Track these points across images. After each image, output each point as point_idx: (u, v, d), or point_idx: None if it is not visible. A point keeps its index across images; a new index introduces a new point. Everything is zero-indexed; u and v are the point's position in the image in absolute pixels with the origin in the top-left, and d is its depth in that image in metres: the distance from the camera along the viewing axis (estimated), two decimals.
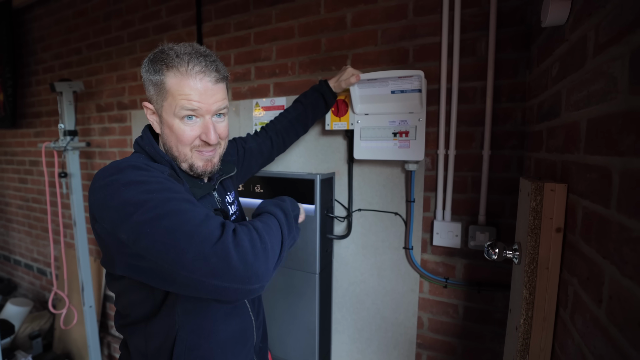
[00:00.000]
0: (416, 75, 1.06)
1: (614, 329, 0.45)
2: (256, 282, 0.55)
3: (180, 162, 0.72)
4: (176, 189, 0.60)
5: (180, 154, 0.71)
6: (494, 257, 0.82)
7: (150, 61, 0.68)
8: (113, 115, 2.12)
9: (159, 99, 0.68)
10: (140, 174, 0.60)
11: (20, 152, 2.80)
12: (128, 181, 0.57)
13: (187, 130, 0.68)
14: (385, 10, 1.24)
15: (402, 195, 1.27)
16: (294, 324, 1.34)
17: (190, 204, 0.58)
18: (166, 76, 0.66)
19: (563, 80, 0.71)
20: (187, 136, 0.69)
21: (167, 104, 0.67)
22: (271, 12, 1.48)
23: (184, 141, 0.69)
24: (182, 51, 0.66)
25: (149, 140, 0.72)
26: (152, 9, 1.86)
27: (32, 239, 2.84)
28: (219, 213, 0.76)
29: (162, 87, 0.67)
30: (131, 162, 0.63)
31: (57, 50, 2.39)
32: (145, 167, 0.62)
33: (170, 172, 0.68)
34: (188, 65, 0.65)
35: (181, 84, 0.65)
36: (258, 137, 1.12)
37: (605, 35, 0.52)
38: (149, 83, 0.69)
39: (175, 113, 0.67)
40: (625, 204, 0.45)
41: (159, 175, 0.61)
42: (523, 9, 1.05)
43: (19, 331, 2.47)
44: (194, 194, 0.70)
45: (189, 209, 0.56)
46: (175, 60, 0.65)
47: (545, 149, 0.83)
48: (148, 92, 0.70)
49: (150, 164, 0.65)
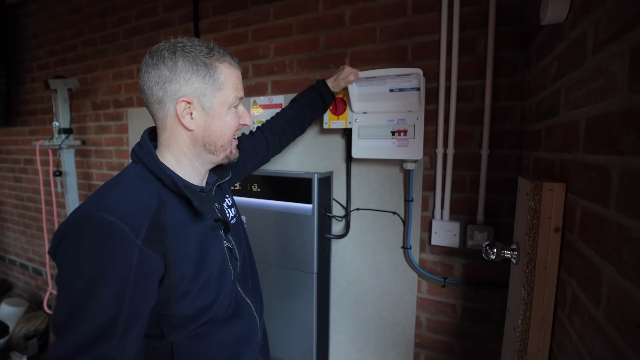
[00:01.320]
0: (415, 74, 1.05)
1: (613, 330, 0.45)
2: None
3: (222, 152, 0.73)
4: (105, 291, 0.54)
5: (226, 143, 0.73)
6: (492, 257, 0.82)
7: (187, 53, 0.65)
8: (109, 113, 2.10)
9: (210, 90, 0.67)
10: (94, 244, 0.55)
11: (15, 151, 2.77)
12: (75, 249, 0.55)
13: (234, 117, 0.72)
14: (384, 8, 1.24)
15: (401, 195, 1.26)
16: (291, 324, 1.34)
17: (100, 312, 0.53)
18: (219, 68, 0.68)
19: (562, 78, 0.71)
20: (235, 123, 0.72)
21: (221, 95, 0.68)
22: (269, 9, 1.47)
23: (234, 127, 0.72)
24: (215, 46, 0.69)
25: (149, 151, 0.67)
26: (149, 6, 1.84)
27: (27, 239, 2.82)
28: (220, 224, 0.74)
29: (216, 78, 0.67)
30: (104, 214, 0.56)
31: (51, 47, 2.37)
32: (113, 230, 0.55)
33: (159, 201, 0.63)
34: (227, 57, 0.69)
35: (233, 74, 0.70)
36: (253, 137, 1.08)
37: (605, 32, 0.52)
38: (192, 76, 0.65)
39: (230, 102, 0.70)
40: (624, 204, 0.44)
41: (114, 254, 0.55)
42: (522, 7, 1.04)
43: (14, 332, 2.45)
44: (203, 211, 0.66)
45: (89, 324, 0.53)
46: (221, 53, 0.68)
47: (544, 148, 0.83)
48: (188, 86, 0.65)
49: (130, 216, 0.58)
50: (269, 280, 1.36)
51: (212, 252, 0.70)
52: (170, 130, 0.69)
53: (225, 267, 0.74)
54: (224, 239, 0.75)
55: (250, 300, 0.84)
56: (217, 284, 0.70)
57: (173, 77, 0.64)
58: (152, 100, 0.67)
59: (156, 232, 0.60)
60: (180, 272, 0.63)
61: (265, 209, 1.35)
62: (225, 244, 0.75)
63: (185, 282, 0.64)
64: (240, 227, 0.89)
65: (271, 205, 1.33)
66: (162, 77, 0.64)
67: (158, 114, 0.68)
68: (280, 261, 1.33)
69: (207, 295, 0.68)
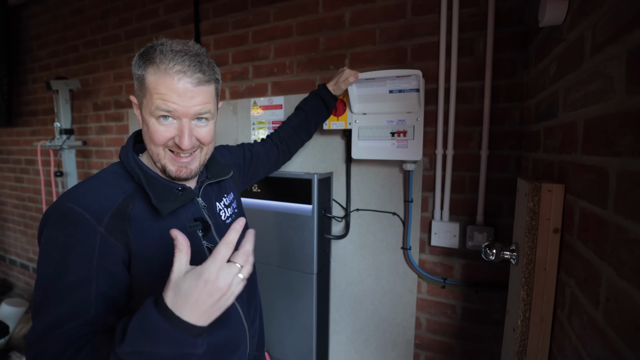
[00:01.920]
0: (414, 75, 1.05)
1: (611, 331, 0.45)
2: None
3: (155, 161, 0.69)
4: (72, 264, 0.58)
5: (153, 154, 0.68)
6: (491, 257, 0.82)
7: (139, 55, 0.65)
8: (110, 114, 2.11)
9: (140, 94, 0.66)
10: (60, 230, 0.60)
11: (16, 151, 2.78)
12: (47, 236, 0.60)
13: (160, 129, 0.64)
14: (383, 10, 1.24)
15: (400, 195, 1.27)
16: (291, 325, 1.34)
17: (60, 301, 0.57)
18: (147, 72, 0.63)
19: (560, 80, 0.71)
20: (159, 136, 0.65)
21: (145, 101, 0.65)
22: (269, 11, 1.47)
23: (156, 141, 0.65)
24: (169, 48, 0.62)
25: (126, 148, 0.70)
26: (150, 7, 1.85)
27: (28, 239, 2.82)
28: (198, 223, 0.73)
29: (142, 82, 0.64)
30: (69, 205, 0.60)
31: (53, 48, 2.38)
32: (75, 217, 0.59)
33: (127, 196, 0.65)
34: (169, 63, 0.61)
35: (159, 82, 0.62)
36: (265, 143, 1.13)
37: (602, 35, 0.52)
38: (134, 77, 0.67)
39: (152, 112, 0.64)
40: (622, 205, 0.44)
41: (77, 237, 0.59)
42: (521, 9, 1.05)
43: (14, 332, 2.45)
44: (161, 209, 0.65)
45: (53, 304, 0.57)
46: (158, 57, 0.62)
47: (543, 149, 0.83)
48: (135, 86, 0.68)
49: (93, 205, 0.61)
50: (268, 280, 1.36)
51: None
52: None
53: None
54: (202, 239, 0.73)
55: (240, 307, 0.80)
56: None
57: (133, 74, 0.68)
58: None
59: (119, 221, 0.62)
60: (144, 266, 0.64)
61: (265, 209, 1.35)
62: (205, 244, 0.73)
63: (151, 278, 0.64)
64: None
65: (271, 205, 1.33)
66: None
67: None
68: (280, 262, 1.34)
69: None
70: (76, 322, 0.57)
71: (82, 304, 0.58)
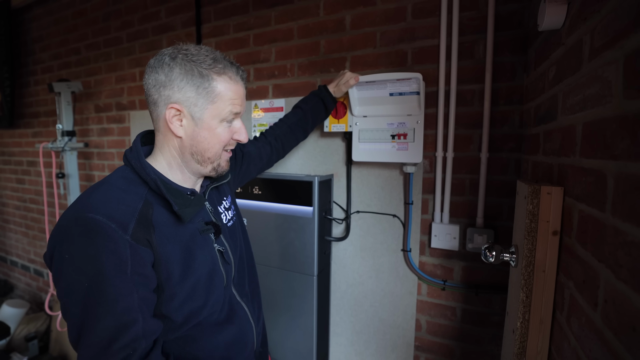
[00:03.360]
0: (414, 78, 1.06)
1: (609, 332, 0.46)
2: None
3: (209, 164, 0.72)
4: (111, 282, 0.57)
5: (214, 155, 0.72)
6: (491, 260, 0.82)
7: (186, 62, 0.65)
8: (112, 116, 2.12)
9: (201, 101, 0.66)
10: (89, 244, 0.57)
11: (18, 153, 2.79)
12: (71, 251, 0.57)
13: (226, 131, 0.71)
14: (384, 13, 1.25)
15: (401, 198, 1.27)
16: (291, 326, 1.34)
17: (107, 315, 0.56)
18: (216, 81, 0.67)
19: (559, 83, 0.72)
20: (226, 137, 0.72)
21: (213, 107, 0.68)
22: (270, 14, 1.48)
23: (223, 141, 0.72)
24: (220, 57, 0.69)
25: (137, 154, 0.68)
26: (152, 10, 1.86)
27: (29, 240, 2.83)
28: (210, 227, 0.74)
29: (210, 91, 0.66)
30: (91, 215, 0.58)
31: (55, 51, 2.39)
32: (102, 228, 0.57)
33: (145, 201, 0.65)
34: (237, 72, 0.70)
35: (232, 89, 0.69)
36: (257, 141, 1.10)
37: (600, 39, 0.53)
38: (185, 84, 0.65)
39: (222, 116, 0.69)
40: (619, 208, 0.45)
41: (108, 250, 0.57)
42: (520, 13, 1.05)
43: (15, 333, 2.45)
44: (183, 216, 0.66)
45: (99, 323, 0.56)
46: (222, 67, 0.68)
47: (542, 152, 0.83)
48: (180, 94, 0.66)
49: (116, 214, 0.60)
50: (269, 282, 1.36)
51: (200, 255, 0.70)
52: (163, 132, 0.71)
53: (216, 271, 0.73)
54: (214, 242, 0.75)
55: (246, 305, 0.83)
56: (206, 288, 0.70)
57: (168, 83, 0.66)
58: (150, 101, 0.69)
59: (144, 228, 0.62)
60: (167, 270, 0.64)
61: (266, 211, 1.35)
62: (216, 247, 0.75)
63: (172, 282, 0.65)
64: (238, 229, 0.88)
65: (272, 207, 1.34)
66: (159, 81, 0.66)
67: (153, 114, 0.70)
68: (281, 263, 1.34)
69: (196, 299, 0.69)
70: (129, 334, 0.57)
71: (129, 314, 0.58)
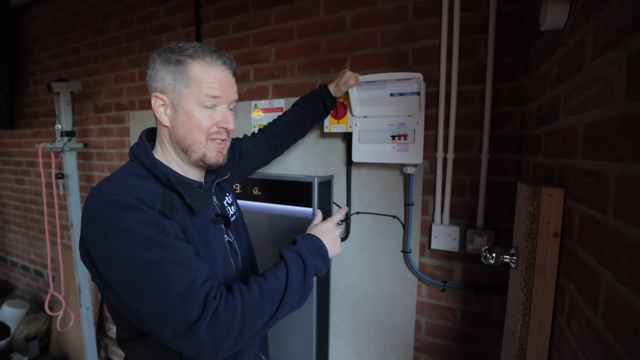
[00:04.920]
0: (415, 78, 1.05)
1: (610, 335, 0.45)
2: (221, 356, 0.59)
3: (192, 152, 0.72)
4: (165, 241, 0.59)
5: (195, 142, 0.71)
6: (491, 261, 0.82)
7: (167, 52, 0.69)
8: (111, 116, 2.12)
9: (178, 86, 0.69)
10: (129, 218, 0.58)
11: (17, 153, 2.79)
12: (116, 228, 0.58)
13: (205, 117, 0.70)
14: (384, 13, 1.24)
15: (401, 199, 1.27)
16: (291, 327, 1.34)
17: (177, 264, 0.58)
18: (190, 65, 0.68)
19: (561, 84, 0.71)
20: (206, 121, 0.70)
21: (188, 92, 0.69)
22: (270, 14, 1.48)
23: (203, 127, 0.70)
24: (200, 46, 0.70)
25: (145, 150, 0.71)
26: (151, 10, 1.85)
27: (29, 240, 2.83)
28: (220, 218, 0.77)
29: (184, 75, 0.68)
30: (120, 196, 0.60)
31: (54, 50, 2.39)
32: (135, 204, 0.59)
33: (163, 190, 0.67)
34: (212, 56, 0.70)
35: (207, 72, 0.69)
36: (255, 138, 1.12)
37: (603, 39, 0.52)
38: (165, 73, 0.69)
39: (199, 100, 0.69)
40: (621, 210, 0.44)
41: (149, 220, 0.59)
42: (522, 13, 1.05)
43: (15, 333, 2.45)
44: (195, 208, 0.69)
45: (175, 272, 0.57)
46: (200, 52, 0.69)
47: (543, 153, 0.83)
48: (162, 82, 0.69)
49: (142, 196, 0.62)
50: None
51: (214, 243, 0.73)
52: (158, 126, 0.74)
53: (227, 261, 0.76)
54: (224, 233, 0.78)
55: None
56: (223, 275, 0.74)
57: (153, 75, 0.70)
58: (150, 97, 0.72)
59: (168, 208, 0.65)
60: (194, 246, 0.67)
61: (265, 212, 1.35)
62: (226, 238, 0.78)
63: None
64: (240, 225, 0.90)
65: (271, 208, 1.34)
66: (150, 76, 0.71)
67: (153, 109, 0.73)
68: None
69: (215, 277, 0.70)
70: (203, 273, 0.60)
71: (196, 260, 0.61)
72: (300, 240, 0.75)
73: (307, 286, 0.70)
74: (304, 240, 0.75)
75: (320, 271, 0.74)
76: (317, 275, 0.75)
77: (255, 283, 0.64)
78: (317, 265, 0.73)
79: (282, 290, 0.65)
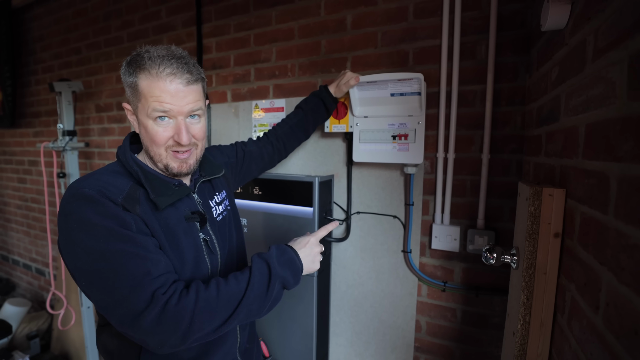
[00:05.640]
0: (416, 78, 1.05)
1: (611, 336, 0.45)
2: (165, 350, 0.62)
3: (156, 161, 0.73)
4: (125, 233, 0.62)
5: (155, 154, 0.72)
6: (491, 261, 0.82)
7: (127, 63, 0.69)
8: (112, 116, 2.12)
9: (134, 100, 0.70)
10: (90, 210, 0.62)
11: (19, 152, 2.80)
12: (79, 219, 0.62)
13: (160, 131, 0.69)
14: (385, 13, 1.24)
15: (401, 199, 1.27)
16: (291, 327, 1.34)
17: (133, 257, 0.61)
18: (139, 78, 0.67)
19: (562, 84, 0.71)
20: (160, 137, 0.70)
21: (140, 105, 0.69)
22: (271, 14, 1.48)
23: (157, 142, 0.70)
24: (156, 54, 0.67)
25: (124, 148, 0.74)
26: (152, 9, 1.86)
27: (30, 239, 2.84)
28: (196, 216, 0.77)
29: (135, 88, 0.68)
30: (85, 189, 0.64)
31: (56, 50, 2.39)
32: (97, 198, 0.63)
33: (132, 185, 0.69)
34: (159, 68, 0.66)
35: (152, 85, 0.67)
36: (259, 141, 1.14)
37: (605, 39, 0.52)
38: (125, 85, 0.71)
39: (148, 114, 0.68)
40: (622, 211, 0.44)
41: (108, 213, 0.62)
42: (523, 13, 1.05)
43: (17, 331, 2.46)
44: (158, 203, 0.69)
45: (130, 264, 0.60)
46: (147, 63, 0.66)
47: (544, 154, 0.83)
48: (126, 93, 0.72)
49: (106, 191, 0.65)
50: None
51: (184, 240, 0.73)
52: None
53: (201, 259, 0.76)
54: (199, 230, 0.77)
55: None
56: (192, 272, 0.74)
57: (123, 82, 0.72)
58: None
59: (131, 202, 0.67)
60: (157, 239, 0.69)
61: (266, 211, 1.35)
62: (201, 236, 0.77)
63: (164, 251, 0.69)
64: (229, 224, 0.90)
65: (272, 208, 1.34)
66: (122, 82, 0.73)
67: None
68: None
69: (183, 273, 0.72)
70: (159, 268, 0.63)
71: (155, 253, 0.64)
72: (275, 249, 0.75)
73: (270, 296, 0.69)
74: (278, 250, 0.76)
75: (289, 284, 0.73)
76: (286, 288, 0.74)
77: (215, 284, 0.66)
78: (284, 277, 0.72)
79: (241, 295, 0.66)
